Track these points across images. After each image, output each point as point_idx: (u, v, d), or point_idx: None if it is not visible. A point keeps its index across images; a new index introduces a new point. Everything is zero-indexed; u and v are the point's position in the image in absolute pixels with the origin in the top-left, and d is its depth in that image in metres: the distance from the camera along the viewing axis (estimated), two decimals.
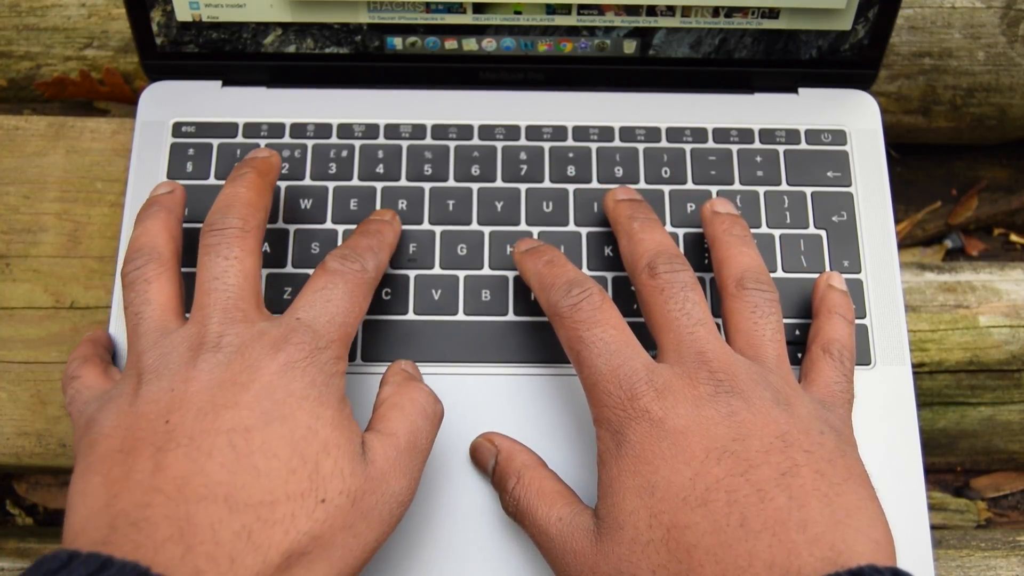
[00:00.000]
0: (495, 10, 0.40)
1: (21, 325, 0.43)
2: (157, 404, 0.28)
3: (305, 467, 0.27)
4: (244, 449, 0.27)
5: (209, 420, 0.27)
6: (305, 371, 0.29)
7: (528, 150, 0.42)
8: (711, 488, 0.28)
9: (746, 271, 0.34)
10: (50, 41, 0.52)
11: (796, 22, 0.41)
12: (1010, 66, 0.51)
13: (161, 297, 0.32)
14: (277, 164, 0.37)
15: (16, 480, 0.50)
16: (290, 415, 0.28)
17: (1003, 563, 0.43)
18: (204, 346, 0.29)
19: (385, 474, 0.29)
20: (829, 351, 0.35)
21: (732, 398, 0.30)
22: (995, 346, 0.46)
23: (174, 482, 0.26)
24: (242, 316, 0.30)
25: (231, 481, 0.26)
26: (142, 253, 0.33)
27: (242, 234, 0.32)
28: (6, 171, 0.45)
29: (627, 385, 0.30)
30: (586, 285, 0.33)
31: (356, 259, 0.33)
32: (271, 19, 0.40)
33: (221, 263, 0.31)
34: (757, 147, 0.42)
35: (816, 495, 0.27)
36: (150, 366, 0.29)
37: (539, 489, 0.33)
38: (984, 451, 0.48)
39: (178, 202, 0.36)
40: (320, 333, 0.30)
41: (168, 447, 0.27)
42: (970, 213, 0.57)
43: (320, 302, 0.31)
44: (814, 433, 0.29)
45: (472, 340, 0.38)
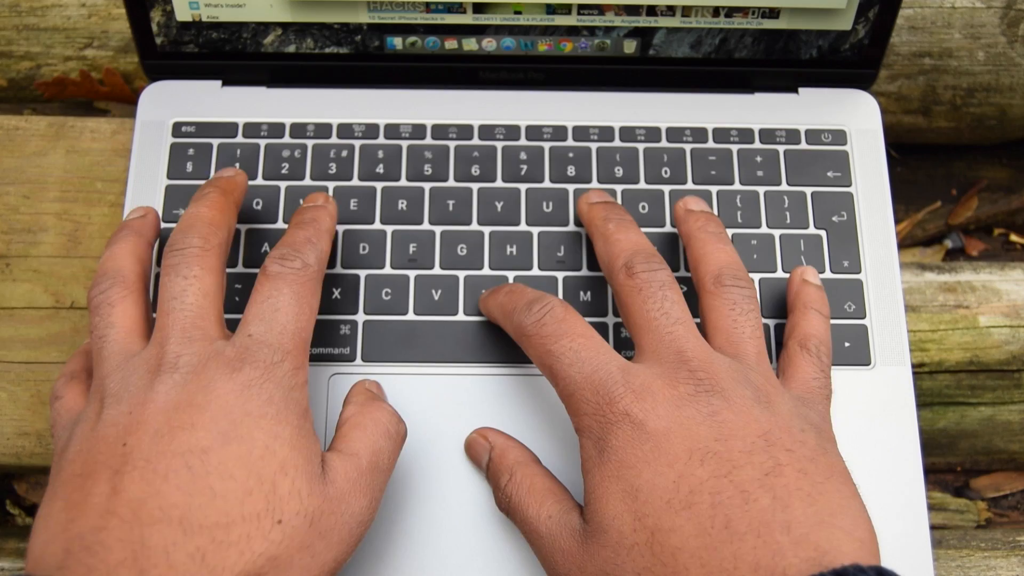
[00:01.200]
0: (495, 10, 0.40)
1: (21, 325, 0.43)
2: (116, 427, 0.28)
3: (262, 488, 0.27)
4: (200, 471, 0.27)
5: (165, 442, 0.27)
6: (262, 388, 0.29)
7: (528, 150, 0.42)
8: (695, 490, 0.28)
9: (723, 268, 0.34)
10: (50, 41, 0.52)
11: (796, 22, 0.41)
12: (1010, 66, 0.51)
13: (124, 320, 0.32)
14: (243, 183, 0.36)
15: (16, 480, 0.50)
16: (247, 435, 0.28)
17: (1003, 563, 0.43)
18: (162, 367, 0.29)
19: (345, 494, 0.29)
20: (806, 347, 0.34)
21: (713, 397, 0.29)
22: (995, 346, 0.46)
23: (129, 505, 0.26)
24: (200, 335, 0.30)
25: (186, 503, 0.26)
26: (107, 277, 0.33)
27: (202, 253, 0.32)
28: (6, 171, 0.45)
29: (603, 390, 0.30)
30: (546, 300, 0.33)
31: (295, 256, 0.32)
32: (271, 19, 0.40)
33: (180, 283, 0.31)
34: (757, 147, 0.42)
35: (799, 495, 0.27)
36: (111, 390, 0.29)
37: (530, 486, 0.33)
38: (984, 451, 0.48)
39: (149, 226, 0.36)
40: (274, 347, 0.30)
41: (125, 470, 0.27)
42: (970, 213, 0.57)
43: (268, 313, 0.31)
44: (795, 431, 0.29)
45: (472, 340, 0.38)
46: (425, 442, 0.37)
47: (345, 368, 0.38)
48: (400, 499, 0.36)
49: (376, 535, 0.35)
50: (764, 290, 0.40)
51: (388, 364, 0.38)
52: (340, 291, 0.39)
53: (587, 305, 0.39)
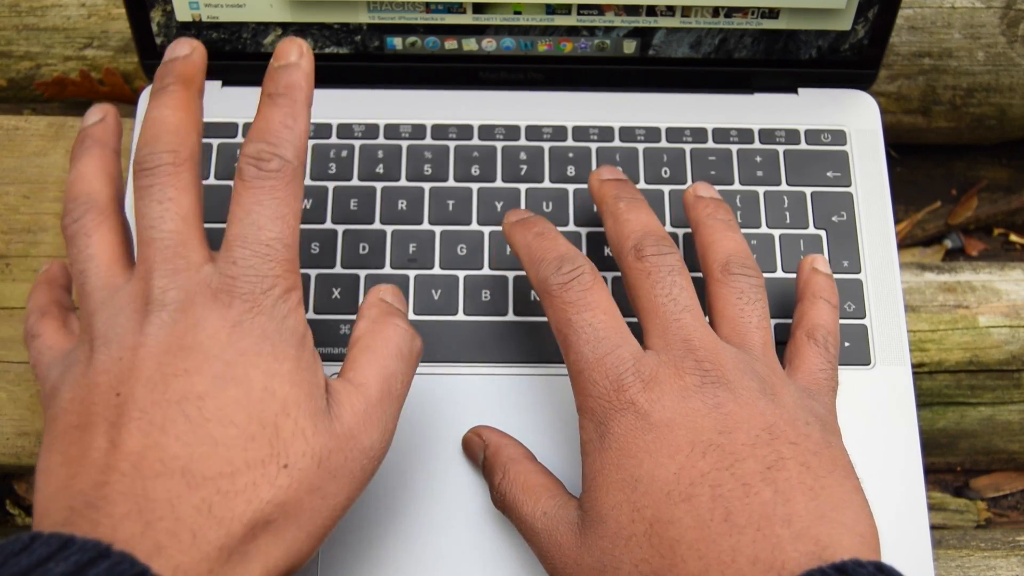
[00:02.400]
0: (495, 10, 0.40)
1: (21, 325, 0.43)
2: (108, 374, 0.27)
3: (264, 432, 0.26)
4: (198, 419, 0.26)
5: (160, 391, 0.26)
6: (254, 323, 0.27)
7: (528, 150, 0.42)
8: (695, 482, 0.27)
9: (731, 255, 0.34)
10: (50, 41, 0.52)
11: (796, 22, 0.41)
12: (1010, 66, 0.51)
13: (104, 249, 0.30)
14: (201, 62, 0.31)
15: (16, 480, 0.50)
16: (243, 376, 0.26)
17: (1003, 563, 0.43)
18: (149, 305, 0.27)
19: (353, 429, 0.28)
20: (814, 337, 0.34)
21: (718, 389, 0.29)
22: (995, 346, 0.46)
23: (129, 459, 0.25)
24: (184, 264, 0.28)
25: (188, 454, 0.25)
26: (79, 203, 0.30)
27: (174, 170, 0.29)
28: (6, 171, 0.45)
29: (614, 375, 0.30)
30: (577, 262, 0.32)
31: (271, 155, 0.29)
32: (271, 19, 0.40)
33: (156, 208, 0.29)
34: (757, 147, 0.42)
35: (802, 488, 0.27)
36: (99, 331, 0.28)
37: (524, 483, 0.32)
38: (984, 451, 0.48)
39: (111, 131, 0.33)
40: (262, 272, 0.28)
41: (121, 422, 0.26)
42: (970, 213, 0.56)
43: (251, 233, 0.28)
44: (800, 424, 0.29)
45: (472, 340, 0.38)
46: (424, 441, 0.37)
47: None
48: (399, 498, 0.36)
49: (375, 534, 0.35)
50: None
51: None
52: (340, 291, 0.39)
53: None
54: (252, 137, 0.29)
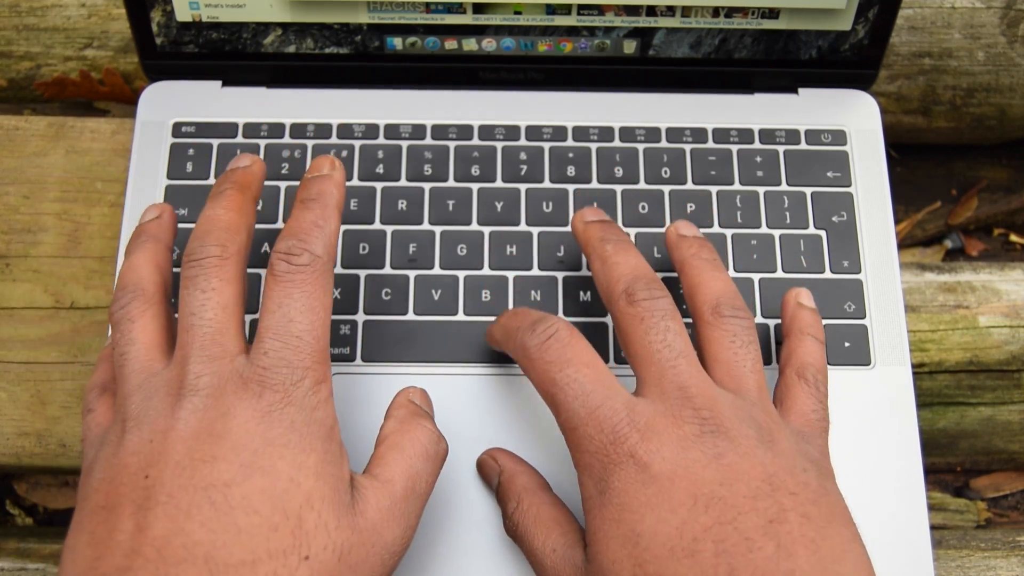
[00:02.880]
0: (495, 10, 0.40)
1: (21, 325, 0.43)
2: (137, 456, 0.27)
3: (287, 523, 0.26)
4: (224, 506, 0.26)
5: (187, 476, 0.26)
6: (283, 413, 0.28)
7: (528, 150, 0.42)
8: (698, 538, 0.27)
9: (721, 297, 0.33)
10: (50, 41, 0.52)
11: (796, 22, 0.41)
12: (1010, 66, 0.51)
13: (145, 336, 0.31)
14: (260, 173, 0.34)
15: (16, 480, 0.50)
16: (270, 467, 0.27)
17: (1003, 563, 0.43)
18: (182, 390, 0.28)
19: (376, 525, 0.28)
20: (804, 376, 0.34)
21: (718, 439, 0.29)
22: (995, 346, 0.46)
23: (154, 544, 0.25)
24: (220, 352, 0.29)
25: (211, 541, 0.26)
26: (127, 291, 0.32)
27: (220, 263, 0.31)
28: (6, 171, 0.45)
29: (608, 428, 0.29)
30: (550, 320, 0.32)
31: (302, 250, 0.30)
32: (271, 19, 0.40)
33: (199, 296, 0.30)
34: (757, 147, 0.42)
35: (803, 541, 0.27)
36: (133, 413, 0.29)
37: (536, 516, 0.32)
38: (984, 451, 0.48)
39: (166, 228, 0.35)
40: (293, 364, 0.29)
41: (148, 505, 0.26)
42: (970, 213, 0.57)
43: (283, 325, 0.29)
44: (798, 472, 0.29)
45: (472, 340, 0.38)
46: None
47: (345, 368, 0.38)
48: None
49: None
50: (764, 289, 0.40)
51: (388, 364, 0.38)
52: (340, 291, 0.39)
53: (586, 305, 0.39)
54: (284, 235, 0.31)
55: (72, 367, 0.42)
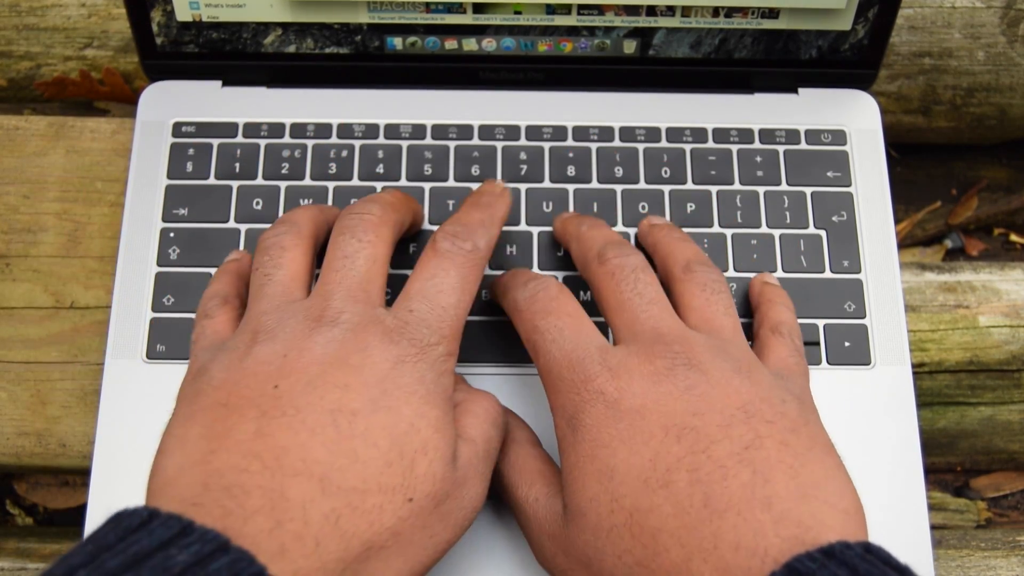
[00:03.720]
0: (495, 10, 0.40)
1: (21, 325, 0.43)
2: (268, 366, 0.28)
3: (401, 462, 0.27)
4: (347, 432, 0.26)
5: (317, 395, 0.27)
6: (416, 366, 0.29)
7: (528, 150, 0.42)
8: (672, 468, 0.27)
9: (691, 257, 0.34)
10: (50, 41, 0.52)
11: (796, 22, 0.41)
12: (1010, 66, 0.51)
13: (292, 266, 0.32)
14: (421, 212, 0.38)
15: (16, 480, 0.50)
16: (395, 407, 0.28)
17: (1003, 563, 0.43)
18: (323, 319, 0.29)
19: (467, 479, 0.29)
20: (779, 331, 0.34)
21: (690, 371, 0.29)
22: (995, 346, 0.46)
23: (273, 451, 0.26)
24: (364, 296, 0.30)
25: (329, 461, 0.26)
26: (285, 223, 0.33)
27: (379, 222, 0.32)
28: (6, 171, 0.45)
29: (580, 368, 0.30)
30: (543, 279, 0.33)
31: (468, 237, 0.32)
32: (271, 19, 0.40)
33: (353, 244, 0.31)
34: (757, 147, 0.42)
35: (781, 467, 0.27)
36: (267, 326, 0.29)
37: (522, 467, 0.32)
38: (984, 451, 0.48)
39: (333, 211, 0.36)
40: (433, 327, 0.30)
41: (273, 413, 0.26)
42: (970, 213, 0.57)
43: (432, 292, 0.31)
44: (776, 402, 0.29)
45: (472, 340, 0.38)
46: None
47: None
48: None
49: None
50: None
51: None
52: None
53: (586, 305, 0.39)
54: (450, 222, 0.33)
55: (72, 367, 0.42)
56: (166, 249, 0.40)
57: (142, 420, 0.37)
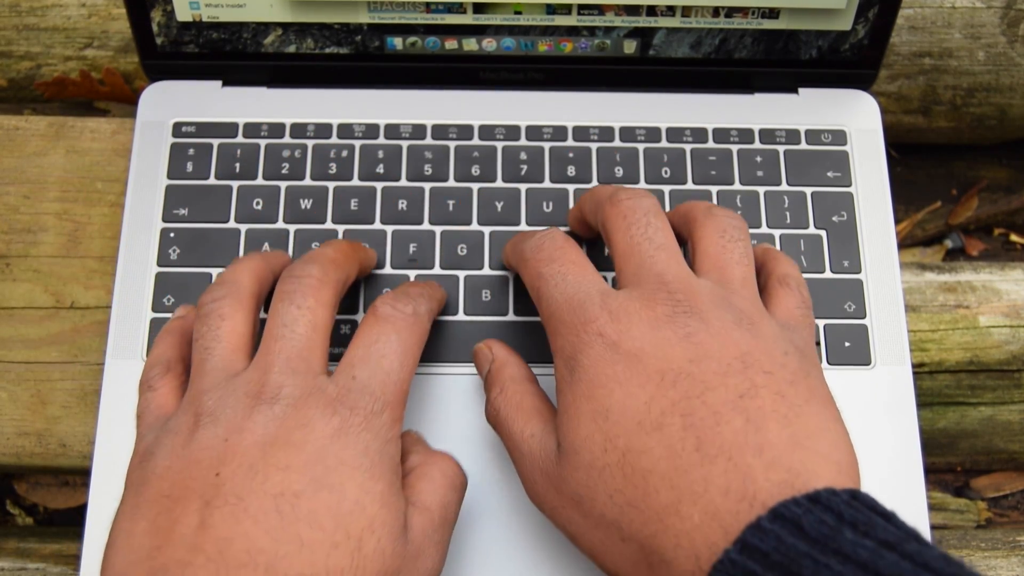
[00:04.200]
0: (495, 10, 0.40)
1: (21, 325, 0.43)
2: (210, 451, 0.28)
3: (348, 543, 0.27)
4: (290, 516, 0.26)
5: (259, 480, 0.27)
6: (359, 437, 0.28)
7: (528, 150, 0.42)
8: (666, 412, 0.27)
9: (714, 206, 0.34)
10: (50, 41, 0.52)
11: (796, 22, 0.41)
12: (1010, 66, 0.51)
13: (232, 336, 0.31)
14: (373, 255, 0.38)
15: (16, 480, 0.50)
16: (339, 485, 0.27)
17: (1003, 563, 0.43)
18: (263, 395, 0.29)
19: (420, 551, 0.29)
20: (786, 283, 0.34)
21: (690, 319, 0.29)
22: (995, 346, 0.46)
23: (216, 543, 0.26)
24: (305, 367, 0.30)
25: (273, 550, 0.26)
26: (224, 286, 0.32)
27: (319, 284, 0.31)
28: (6, 171, 0.45)
29: (580, 310, 0.30)
30: (550, 230, 0.33)
31: (408, 302, 0.32)
32: (271, 19, 0.40)
33: (293, 311, 0.30)
34: (757, 147, 0.42)
35: (775, 416, 0.27)
36: (208, 408, 0.29)
37: (519, 403, 0.32)
38: (984, 451, 0.48)
39: (278, 260, 0.35)
40: (376, 395, 0.29)
41: (216, 503, 0.26)
42: (970, 213, 0.57)
43: (375, 358, 0.30)
44: (777, 354, 0.29)
45: (472, 340, 0.38)
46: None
47: None
48: None
49: None
50: None
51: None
52: None
53: None
54: (388, 293, 0.33)
55: (72, 367, 0.42)
56: (166, 249, 0.40)
57: None
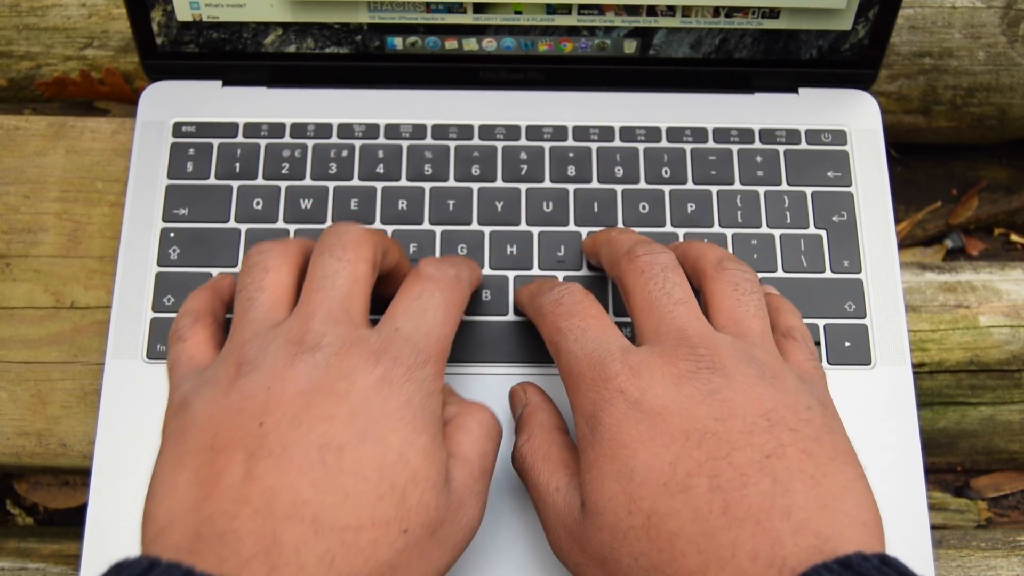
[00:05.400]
0: (495, 10, 0.40)
1: (21, 325, 0.43)
2: (253, 401, 0.27)
3: (393, 495, 0.27)
4: (335, 468, 0.26)
5: (303, 431, 0.27)
6: (402, 388, 0.28)
7: (528, 150, 0.42)
8: (692, 473, 0.27)
9: (723, 256, 0.34)
10: (50, 41, 0.52)
11: (796, 22, 0.41)
12: (1010, 66, 0.51)
13: (276, 287, 0.31)
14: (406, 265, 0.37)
15: (16, 480, 0.50)
16: (383, 437, 0.27)
17: (1003, 563, 0.43)
18: (304, 343, 0.28)
19: (462, 502, 0.29)
20: (791, 336, 0.34)
21: (714, 375, 0.29)
22: (995, 346, 0.46)
23: (263, 495, 0.25)
24: (346, 317, 0.29)
25: (319, 501, 0.26)
26: (271, 243, 0.33)
27: (360, 241, 0.31)
28: (6, 171, 0.45)
29: (600, 366, 0.29)
30: (569, 284, 0.33)
31: (451, 266, 0.32)
32: (271, 19, 0.40)
33: (333, 263, 0.31)
34: (757, 147, 0.42)
35: (802, 477, 0.26)
36: (249, 356, 0.29)
37: (546, 453, 0.32)
38: (984, 451, 0.48)
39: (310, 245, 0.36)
40: (419, 347, 0.29)
41: (260, 454, 0.26)
42: (970, 213, 0.57)
43: (418, 312, 0.30)
44: (800, 409, 0.28)
45: (472, 340, 0.38)
46: None
47: None
48: None
49: None
50: None
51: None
52: None
53: None
54: (432, 258, 0.33)
55: (72, 367, 0.42)
56: (166, 249, 0.40)
57: (142, 420, 0.37)
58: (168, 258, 0.40)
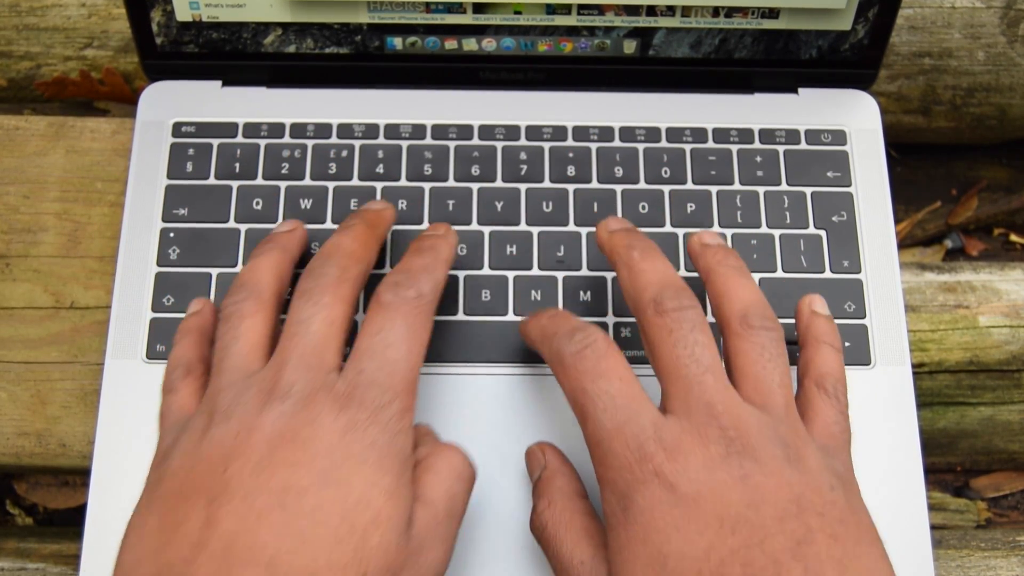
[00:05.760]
0: (495, 10, 0.40)
1: (21, 325, 0.43)
2: (220, 448, 0.28)
3: (352, 538, 0.27)
4: (295, 512, 0.26)
5: (265, 476, 0.27)
6: (367, 431, 0.28)
7: (528, 150, 0.42)
8: (726, 561, 0.27)
9: (749, 307, 0.33)
10: (50, 41, 0.52)
11: (796, 22, 0.41)
12: (1010, 66, 0.51)
13: (251, 335, 0.32)
14: (390, 217, 0.37)
15: (16, 480, 0.50)
16: (346, 479, 0.27)
17: (1003, 563, 0.43)
18: (274, 393, 0.29)
19: (423, 545, 0.29)
20: (823, 387, 0.33)
21: (744, 459, 0.28)
22: (995, 346, 0.46)
23: (221, 539, 0.26)
24: (317, 363, 0.30)
25: (276, 545, 0.26)
26: (244, 288, 0.33)
27: (337, 283, 0.31)
28: (6, 171, 0.45)
29: (635, 445, 0.29)
30: (589, 331, 0.32)
31: (411, 285, 0.31)
32: (271, 19, 0.41)
33: (309, 309, 0.31)
34: (757, 147, 0.42)
35: (831, 563, 0.27)
36: (222, 406, 0.29)
37: (568, 522, 0.32)
38: (984, 451, 0.48)
39: (296, 242, 0.36)
40: (383, 386, 0.29)
41: (221, 500, 0.26)
42: (970, 213, 0.57)
43: (380, 348, 0.30)
44: (825, 491, 0.29)
45: (472, 340, 0.38)
46: None
47: None
48: None
49: None
50: (764, 289, 0.39)
51: None
52: None
53: (587, 305, 0.39)
54: (393, 271, 0.32)
55: (72, 367, 0.42)
56: (166, 249, 0.40)
57: (142, 420, 0.37)
58: (168, 258, 0.40)
